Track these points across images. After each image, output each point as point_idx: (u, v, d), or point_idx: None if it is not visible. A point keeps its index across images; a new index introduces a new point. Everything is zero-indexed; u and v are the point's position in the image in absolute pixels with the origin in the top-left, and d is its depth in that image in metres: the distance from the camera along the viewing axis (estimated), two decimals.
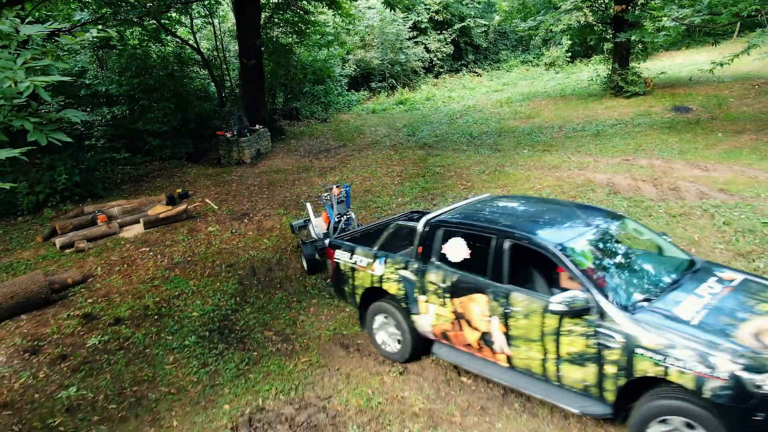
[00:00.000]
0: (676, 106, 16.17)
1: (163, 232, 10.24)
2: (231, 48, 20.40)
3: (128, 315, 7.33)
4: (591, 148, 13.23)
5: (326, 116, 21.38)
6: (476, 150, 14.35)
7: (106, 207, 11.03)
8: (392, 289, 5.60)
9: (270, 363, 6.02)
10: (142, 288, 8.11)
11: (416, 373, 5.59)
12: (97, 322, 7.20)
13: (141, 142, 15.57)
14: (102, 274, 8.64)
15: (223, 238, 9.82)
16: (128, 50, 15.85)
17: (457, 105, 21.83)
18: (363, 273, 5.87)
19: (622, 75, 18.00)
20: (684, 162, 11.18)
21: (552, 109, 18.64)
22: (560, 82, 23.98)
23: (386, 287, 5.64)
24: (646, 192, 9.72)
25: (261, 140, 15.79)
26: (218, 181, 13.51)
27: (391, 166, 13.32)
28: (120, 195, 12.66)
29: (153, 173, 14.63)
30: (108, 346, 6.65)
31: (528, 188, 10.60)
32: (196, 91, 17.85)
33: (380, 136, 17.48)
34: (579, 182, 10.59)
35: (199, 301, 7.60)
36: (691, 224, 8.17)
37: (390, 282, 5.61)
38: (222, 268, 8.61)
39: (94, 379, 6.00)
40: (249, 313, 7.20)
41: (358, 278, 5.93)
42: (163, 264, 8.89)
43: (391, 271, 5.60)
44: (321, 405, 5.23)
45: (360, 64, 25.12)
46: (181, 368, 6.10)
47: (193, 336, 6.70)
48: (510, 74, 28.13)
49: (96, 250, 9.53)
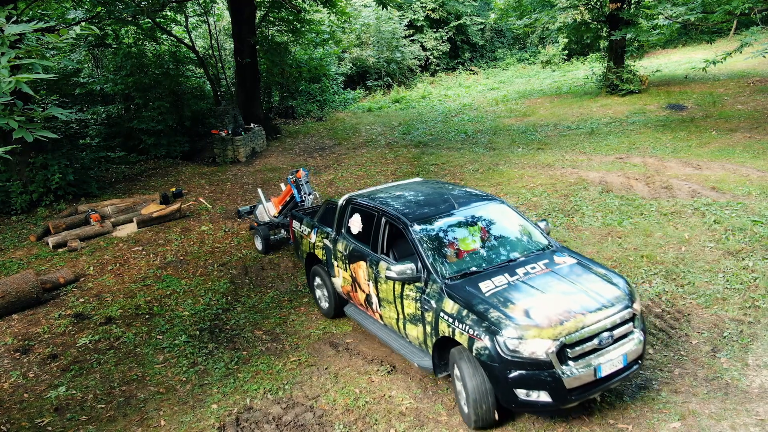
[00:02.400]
0: (670, 104, 16.17)
1: (156, 231, 10.23)
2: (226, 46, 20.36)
3: (119, 314, 7.32)
4: (585, 147, 13.22)
5: (322, 114, 21.34)
6: (471, 148, 14.34)
7: (100, 206, 11.00)
8: (319, 254, 6.71)
9: (259, 362, 6.02)
10: (134, 287, 8.10)
11: (404, 372, 5.59)
12: (88, 322, 7.19)
13: (136, 140, 15.55)
14: (94, 274, 8.63)
15: (216, 237, 9.81)
16: (123, 49, 15.81)
17: (452, 103, 21.81)
18: (306, 240, 7.12)
19: (617, 73, 18.01)
20: (677, 160, 11.18)
21: (547, 107, 18.63)
22: (556, 80, 23.97)
23: (316, 252, 6.79)
24: (638, 190, 9.72)
25: (256, 139, 15.77)
26: (213, 179, 13.50)
27: (385, 165, 13.31)
28: (114, 194, 12.64)
29: (148, 172, 14.60)
30: (98, 345, 6.64)
31: (521, 187, 10.60)
32: (191, 89, 17.81)
33: (375, 134, 17.46)
34: (572, 180, 10.60)
35: (191, 301, 7.60)
36: (682, 222, 8.17)
37: (318, 249, 6.75)
38: (214, 267, 8.60)
39: (83, 379, 5.99)
40: (240, 312, 7.20)
41: (304, 244, 7.19)
42: (156, 263, 8.89)
43: (319, 240, 6.72)
44: (308, 404, 5.23)
45: (356, 62, 25.09)
46: (171, 367, 6.09)
47: (183, 335, 6.70)
48: (506, 72, 28.12)
49: (89, 250, 9.52)
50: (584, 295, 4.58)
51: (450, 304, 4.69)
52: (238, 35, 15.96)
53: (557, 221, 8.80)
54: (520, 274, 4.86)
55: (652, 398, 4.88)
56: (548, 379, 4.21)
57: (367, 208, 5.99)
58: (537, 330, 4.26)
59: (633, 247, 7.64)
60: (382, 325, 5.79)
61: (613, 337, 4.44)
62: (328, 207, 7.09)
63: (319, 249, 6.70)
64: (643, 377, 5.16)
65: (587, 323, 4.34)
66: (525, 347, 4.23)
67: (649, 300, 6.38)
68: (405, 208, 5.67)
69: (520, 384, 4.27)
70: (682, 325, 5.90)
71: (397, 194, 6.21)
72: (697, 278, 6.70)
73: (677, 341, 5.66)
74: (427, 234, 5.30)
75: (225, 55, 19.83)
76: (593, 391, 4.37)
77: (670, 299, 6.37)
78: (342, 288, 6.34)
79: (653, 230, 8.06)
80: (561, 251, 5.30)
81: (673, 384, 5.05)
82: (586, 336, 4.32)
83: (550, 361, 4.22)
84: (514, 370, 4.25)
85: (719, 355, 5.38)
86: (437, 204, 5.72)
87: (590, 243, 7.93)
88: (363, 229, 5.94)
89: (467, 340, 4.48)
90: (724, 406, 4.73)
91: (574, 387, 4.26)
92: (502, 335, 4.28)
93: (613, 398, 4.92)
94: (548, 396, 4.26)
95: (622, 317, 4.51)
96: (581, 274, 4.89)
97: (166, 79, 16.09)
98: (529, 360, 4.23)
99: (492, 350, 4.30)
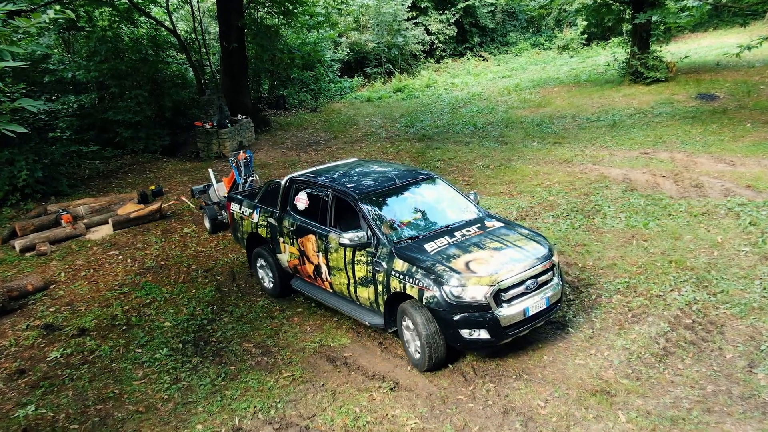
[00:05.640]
0: (701, 93, 16.20)
1: (134, 234, 10.24)
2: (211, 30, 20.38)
3: (94, 325, 7.33)
4: (606, 141, 13.25)
5: (316, 105, 21.36)
6: (480, 142, 14.37)
7: (72, 206, 11.02)
8: (263, 233, 7.60)
9: (249, 378, 6.03)
10: (109, 295, 8.11)
11: (408, 389, 5.60)
12: (59, 334, 7.20)
13: (111, 133, 15.56)
14: (66, 281, 8.63)
15: (201, 240, 9.82)
16: (97, 32, 15.83)
17: (460, 92, 21.83)
18: (247, 221, 7.89)
19: (642, 59, 18.02)
20: (708, 156, 11.20)
21: (565, 97, 18.65)
22: (574, 67, 24.00)
23: (260, 231, 7.65)
24: (665, 189, 9.74)
25: (243, 132, 15.79)
26: (196, 176, 13.51)
27: (386, 160, 13.33)
28: (87, 192, 12.65)
29: (124, 168, 14.62)
30: (71, 359, 6.65)
31: (536, 185, 10.62)
32: (172, 77, 17.82)
33: (375, 126, 17.48)
34: (592, 178, 10.61)
35: (173, 310, 7.60)
36: (714, 224, 8.18)
37: (262, 227, 7.61)
38: (198, 274, 8.61)
39: (54, 397, 6.00)
40: (227, 323, 7.21)
41: (245, 225, 7.96)
42: (134, 269, 8.89)
43: (263, 219, 7.59)
44: (303, 425, 5.24)
45: (354, 47, 25.10)
46: (151, 384, 6.10)
47: (164, 348, 6.70)
48: (519, 58, 28.15)
49: (60, 254, 9.52)
50: (512, 249, 5.91)
51: (400, 263, 5.81)
52: (224, 17, 15.99)
53: (576, 223, 8.82)
54: (458, 237, 6.12)
55: (682, 418, 4.89)
56: (487, 318, 5.44)
57: (314, 185, 7.02)
58: (476, 278, 5.47)
59: (660, 252, 7.65)
60: (332, 293, 6.87)
61: (537, 283, 5.74)
62: (270, 188, 7.89)
63: (262, 228, 7.61)
64: (672, 395, 5.17)
65: (516, 271, 5.61)
66: (467, 293, 5.44)
67: (678, 310, 6.39)
68: (351, 184, 6.76)
69: (464, 325, 5.47)
70: (715, 338, 5.91)
71: (341, 172, 7.26)
72: (731, 286, 6.70)
73: (709, 355, 5.66)
74: (373, 205, 6.43)
75: (210, 40, 19.85)
76: (524, 329, 5.68)
77: (702, 309, 6.37)
78: (289, 263, 7.34)
79: (682, 233, 8.07)
80: (489, 218, 6.68)
81: (705, 402, 5.06)
82: (516, 282, 5.59)
83: (488, 303, 5.45)
84: (459, 313, 5.46)
85: (756, 371, 5.39)
86: (380, 180, 6.87)
87: (613, 247, 7.94)
88: (310, 206, 6.93)
89: (417, 292, 5.63)
90: (762, 426, 4.73)
91: (509, 325, 5.55)
92: (448, 284, 5.46)
93: (641, 418, 4.92)
94: (487, 334, 5.49)
95: (544, 267, 5.83)
96: (509, 233, 6.24)
97: (144, 66, 16.10)
98: (471, 304, 5.44)
99: (440, 298, 5.48)
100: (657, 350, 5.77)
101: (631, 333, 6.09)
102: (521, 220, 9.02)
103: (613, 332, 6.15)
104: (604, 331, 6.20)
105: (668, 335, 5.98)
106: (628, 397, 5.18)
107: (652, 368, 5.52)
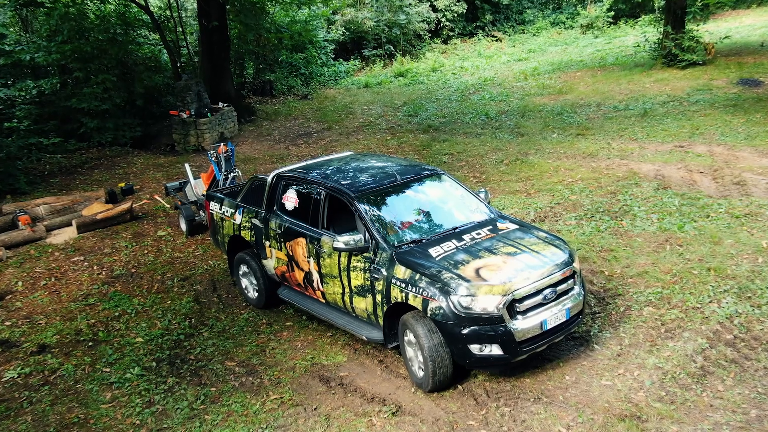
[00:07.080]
0: (743, 78, 16.23)
1: (101, 237, 10.25)
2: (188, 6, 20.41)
3: (56, 341, 7.34)
4: (636, 132, 13.28)
5: (307, 92, 21.38)
6: (493, 134, 14.39)
7: (31, 206, 11.03)
8: (247, 236, 7.57)
9: (231, 401, 6.04)
10: (73, 307, 8.12)
11: (412, 413, 5.61)
12: (16, 351, 7.20)
13: (75, 123, 15.58)
14: (24, 290, 8.64)
15: (176, 245, 9.84)
16: (59, 9, 15.82)
17: (470, 77, 21.86)
18: (228, 222, 7.87)
19: (676, 40, 18.05)
20: (752, 149, 11.23)
21: (589, 82, 18.67)
22: (599, 49, 24.03)
23: (243, 234, 7.63)
24: (703, 187, 9.76)
25: (225, 122, 15.81)
26: (171, 172, 13.52)
27: (387, 154, 13.35)
28: (48, 191, 12.66)
29: (90, 163, 14.63)
30: (30, 380, 6.66)
31: (556, 182, 10.64)
32: (144, 60, 17.85)
33: (374, 116, 17.50)
34: (620, 174, 10.63)
35: (145, 324, 7.62)
36: (759, 227, 8.20)
37: (246, 230, 7.58)
38: (174, 282, 8.63)
39: (11, 422, 6.00)
40: (207, 339, 7.22)
41: (226, 227, 7.95)
42: (101, 277, 8.91)
43: (246, 220, 7.53)
44: None
45: (350, 26, 25.13)
46: (121, 408, 6.11)
47: (136, 367, 6.71)
48: (537, 39, 28.20)
49: (17, 260, 9.53)
50: (528, 255, 5.87)
51: (402, 270, 5.76)
52: None
53: (602, 225, 8.84)
54: (467, 240, 6.10)
55: None
56: (500, 332, 5.39)
57: (304, 182, 6.98)
58: (488, 287, 5.42)
59: (697, 258, 7.67)
60: (324, 303, 6.84)
61: (556, 292, 5.71)
62: (255, 185, 7.84)
63: (246, 230, 7.58)
64: (710, 420, 5.18)
65: (532, 279, 5.56)
66: (477, 304, 5.39)
67: (718, 324, 6.41)
68: (347, 181, 6.76)
69: (474, 339, 5.41)
70: (760, 356, 5.92)
71: (335, 168, 7.26)
72: None
73: (753, 375, 5.68)
74: (371, 205, 6.39)
75: (186, 17, 19.89)
76: (541, 344, 5.63)
77: (744, 323, 6.39)
78: (276, 270, 7.31)
79: (722, 237, 8.09)
80: (503, 219, 6.68)
81: (748, 429, 5.07)
82: (532, 292, 5.54)
83: (501, 315, 5.40)
84: (468, 326, 5.40)
85: None
86: (379, 176, 6.86)
87: (644, 252, 7.96)
88: (300, 205, 6.91)
89: (421, 302, 5.59)
90: None
91: (524, 339, 5.48)
92: (456, 294, 5.41)
93: None
94: (500, 349, 5.43)
95: (564, 274, 5.78)
96: (524, 237, 6.23)
97: (112, 47, 16.12)
98: (481, 316, 5.39)
99: (447, 309, 5.43)
100: (694, 370, 5.78)
101: (665, 350, 6.10)
102: (539, 222, 9.04)
103: (644, 349, 6.16)
104: (633, 347, 6.21)
105: (706, 353, 5.99)
106: (661, 422, 5.19)
107: (689, 390, 5.53)
